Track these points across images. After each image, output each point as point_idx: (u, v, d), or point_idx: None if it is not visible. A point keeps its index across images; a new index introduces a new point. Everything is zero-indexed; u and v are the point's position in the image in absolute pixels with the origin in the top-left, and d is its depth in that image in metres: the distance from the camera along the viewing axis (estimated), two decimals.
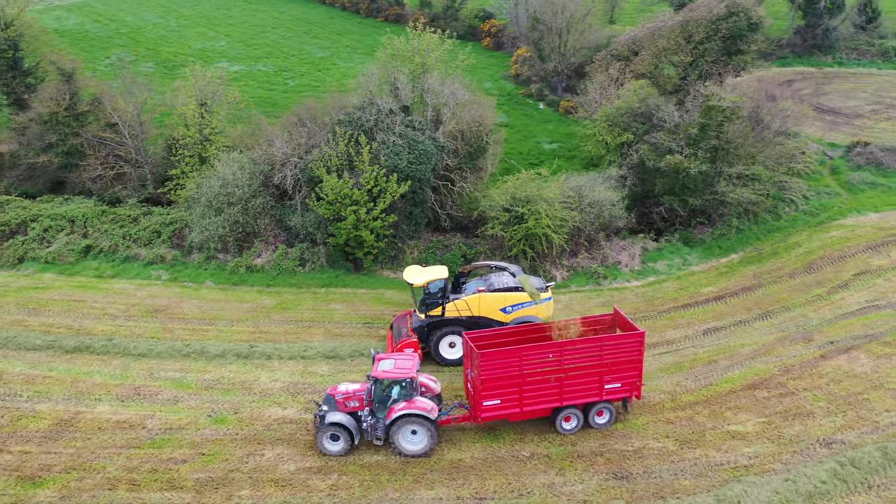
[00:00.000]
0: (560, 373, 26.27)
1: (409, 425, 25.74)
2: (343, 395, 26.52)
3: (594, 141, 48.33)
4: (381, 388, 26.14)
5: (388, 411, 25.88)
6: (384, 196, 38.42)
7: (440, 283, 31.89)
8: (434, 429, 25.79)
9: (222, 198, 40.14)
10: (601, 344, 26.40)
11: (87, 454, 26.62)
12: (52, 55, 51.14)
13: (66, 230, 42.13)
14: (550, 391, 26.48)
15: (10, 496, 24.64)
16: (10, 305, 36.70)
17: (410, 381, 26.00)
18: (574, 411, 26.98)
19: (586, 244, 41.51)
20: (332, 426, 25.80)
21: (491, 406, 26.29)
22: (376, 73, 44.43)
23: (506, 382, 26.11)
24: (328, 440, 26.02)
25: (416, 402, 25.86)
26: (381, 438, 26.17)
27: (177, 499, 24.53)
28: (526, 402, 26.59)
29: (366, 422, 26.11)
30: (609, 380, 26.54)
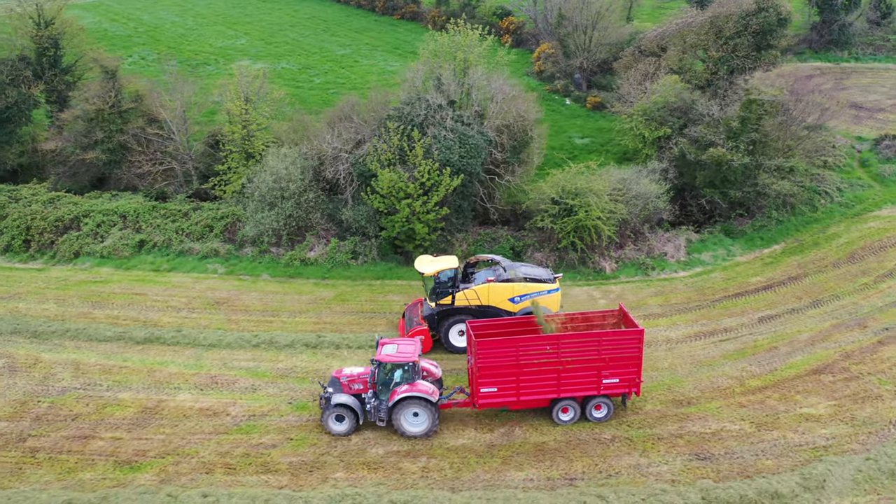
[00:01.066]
0: (557, 365, 26.88)
1: (410, 407, 26.60)
2: (348, 377, 27.46)
3: (631, 135, 49.08)
4: (384, 372, 26.94)
5: (390, 394, 26.80)
6: (438, 189, 39.12)
7: (450, 272, 32.73)
8: (435, 411, 26.63)
9: (276, 192, 40.76)
10: (599, 339, 26.79)
11: (177, 440, 27.27)
12: (94, 53, 51.66)
13: (119, 225, 42.68)
14: (548, 382, 26.99)
15: (110, 480, 25.31)
16: (73, 299, 37.25)
17: (413, 365, 26.83)
18: (571, 403, 27.51)
19: (632, 236, 42.36)
20: (337, 407, 26.74)
21: (488, 393, 27.00)
22: (421, 70, 45.09)
23: (503, 371, 26.71)
24: (333, 420, 26.96)
25: (418, 385, 26.72)
26: (383, 420, 27.04)
27: (273, 481, 25.23)
28: (523, 392, 27.14)
29: (369, 403, 27.02)
30: (607, 375, 26.98)
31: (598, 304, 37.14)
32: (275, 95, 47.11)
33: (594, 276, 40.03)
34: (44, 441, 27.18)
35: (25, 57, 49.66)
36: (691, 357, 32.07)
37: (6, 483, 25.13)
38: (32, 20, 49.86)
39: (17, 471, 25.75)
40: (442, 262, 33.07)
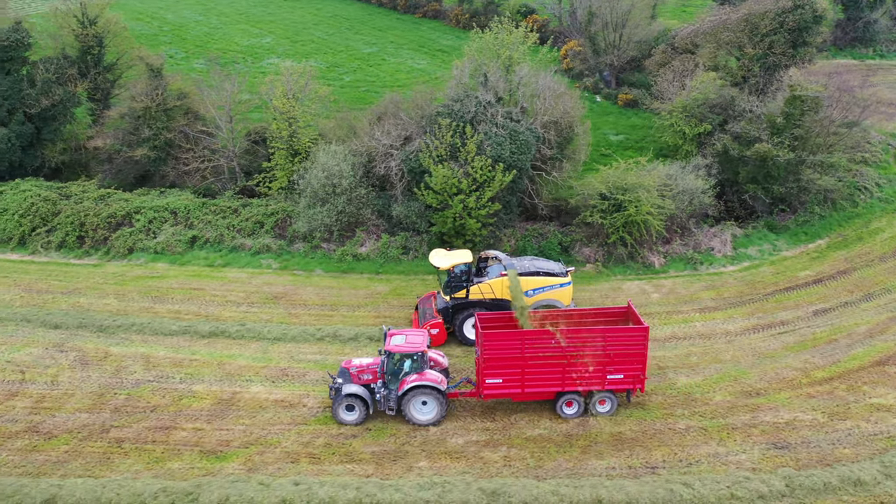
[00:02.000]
0: (562, 359, 27.35)
1: (419, 396, 27.21)
2: (357, 368, 28.02)
3: (671, 132, 49.51)
4: (393, 362, 27.51)
5: (400, 383, 27.35)
6: (490, 185, 39.57)
7: (464, 266, 33.19)
8: (443, 400, 27.27)
9: (327, 188, 41.20)
10: (604, 335, 27.16)
11: (258, 430, 27.77)
12: (138, 51, 52.13)
13: (170, 222, 43.14)
14: (553, 376, 27.51)
15: (199, 469, 25.80)
16: (133, 294, 37.73)
17: (421, 355, 27.40)
18: (576, 397, 27.95)
19: (679, 231, 42.84)
20: (348, 397, 27.31)
21: (493, 384, 27.55)
22: (468, 67, 45.55)
23: (508, 363, 27.20)
24: (344, 410, 27.55)
25: (427, 374, 27.30)
26: (393, 409, 27.60)
27: (359, 470, 25.72)
28: (527, 384, 27.64)
29: (379, 393, 27.59)
30: (612, 370, 27.40)
31: (651, 298, 37.66)
32: (320, 93, 47.49)
33: (643, 271, 40.52)
34: (127, 432, 27.67)
35: (68, 55, 50.02)
36: (752, 349, 32.55)
37: (97, 472, 25.62)
38: (77, 18, 50.23)
39: (106, 460, 26.23)
40: (456, 257, 33.60)
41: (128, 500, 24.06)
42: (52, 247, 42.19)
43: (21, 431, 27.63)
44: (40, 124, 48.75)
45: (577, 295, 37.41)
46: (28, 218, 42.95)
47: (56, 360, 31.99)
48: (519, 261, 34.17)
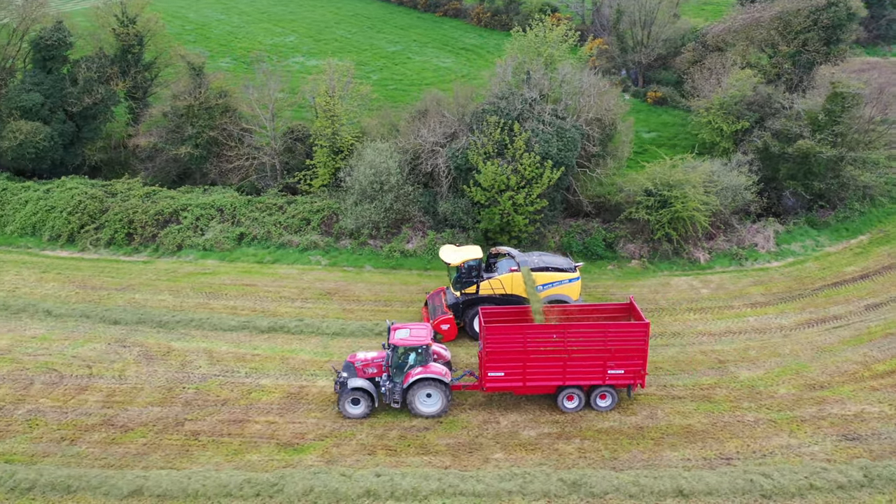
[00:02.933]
0: (563, 353, 27.67)
1: (424, 389, 27.55)
2: (362, 362, 28.31)
3: (708, 129, 49.82)
4: (398, 355, 27.87)
5: (405, 376, 27.71)
6: (539, 182, 39.90)
7: (475, 262, 33.46)
8: (448, 392, 27.64)
9: (375, 185, 41.54)
10: (605, 331, 27.55)
11: (329, 423, 28.11)
12: (180, 49, 52.46)
13: (217, 219, 43.49)
14: (554, 370, 27.87)
15: (278, 461, 26.16)
16: (186, 290, 38.07)
17: (426, 348, 27.79)
18: (577, 391, 28.28)
19: (722, 227, 43.18)
20: (353, 391, 27.68)
21: (495, 377, 27.90)
22: (510, 64, 45.87)
23: (510, 357, 27.56)
24: (349, 404, 27.90)
25: (431, 367, 27.66)
26: (398, 401, 27.95)
27: (437, 461, 26.07)
28: (529, 378, 28.01)
29: (384, 386, 27.93)
30: (612, 365, 27.70)
31: (701, 294, 38.02)
32: (361, 90, 47.81)
33: (689, 267, 40.89)
34: (202, 425, 28.01)
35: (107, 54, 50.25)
36: (810, 343, 32.91)
37: (178, 464, 25.98)
38: (116, 17, 50.53)
39: (185, 452, 26.58)
40: (466, 253, 33.89)
41: (214, 491, 24.39)
42: (101, 244, 42.52)
43: (97, 424, 27.96)
44: (81, 122, 49.16)
45: (625, 290, 37.86)
46: (76, 216, 43.30)
47: (120, 356, 32.33)
48: (528, 256, 34.44)
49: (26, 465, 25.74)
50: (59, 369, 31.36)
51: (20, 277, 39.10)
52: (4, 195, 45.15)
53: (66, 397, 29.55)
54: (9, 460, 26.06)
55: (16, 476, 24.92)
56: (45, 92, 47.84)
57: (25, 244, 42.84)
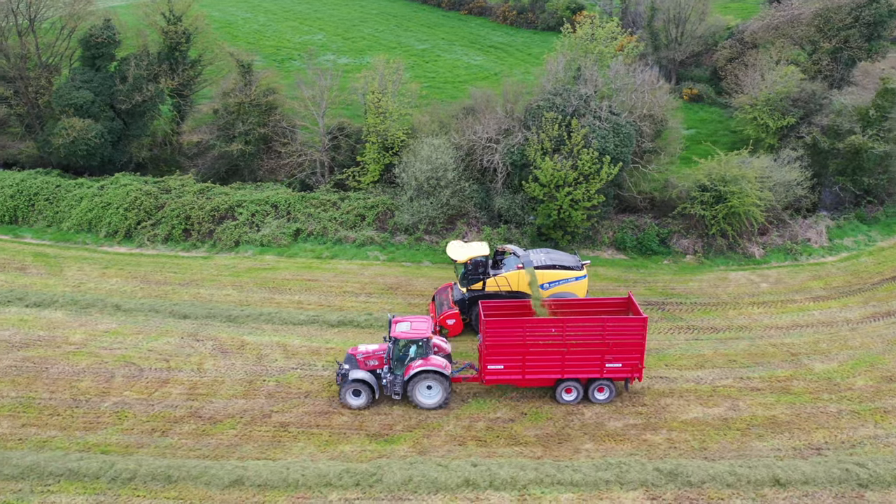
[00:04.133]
0: (562, 347, 28.03)
1: (425, 381, 27.94)
2: (363, 354, 28.78)
3: (754, 125, 50.07)
4: (399, 348, 28.26)
5: (405, 368, 28.12)
6: (598, 176, 40.17)
7: (481, 259, 33.78)
8: (448, 384, 27.97)
9: (432, 181, 41.82)
10: (603, 325, 27.81)
11: (415, 415, 28.40)
12: (222, 46, 52.71)
13: (272, 215, 43.76)
14: (553, 363, 28.25)
15: (371, 451, 26.45)
16: (250, 285, 38.36)
17: (426, 341, 28.15)
18: (575, 384, 28.60)
19: (775, 222, 43.45)
20: (354, 382, 28.08)
21: (495, 370, 28.31)
22: (562, 61, 46.16)
23: (509, 350, 27.97)
24: (351, 395, 28.31)
25: (432, 359, 28.08)
26: (399, 393, 28.35)
27: (528, 452, 26.37)
28: (528, 371, 28.39)
29: (385, 378, 28.35)
30: (610, 359, 28.03)
31: (760, 288, 38.35)
32: (411, 87, 48.07)
33: (744, 262, 41.19)
34: (288, 416, 28.31)
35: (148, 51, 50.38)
36: (879, 336, 33.24)
37: (273, 454, 26.27)
38: (163, 15, 50.77)
39: (277, 443, 26.88)
40: (473, 249, 34.16)
41: (314, 481, 24.69)
42: (159, 240, 42.77)
43: (185, 416, 28.26)
44: (128, 120, 49.42)
45: (684, 285, 38.30)
46: (133, 212, 43.56)
47: (195, 349, 32.62)
48: (535, 254, 34.72)
49: (123, 456, 25.99)
50: (137, 363, 31.63)
51: (83, 273, 39.38)
52: (59, 192, 45.41)
53: (149, 390, 29.83)
54: (104, 451, 26.36)
55: (115, 467, 25.20)
56: (94, 89, 48.09)
57: (83, 240, 43.10)
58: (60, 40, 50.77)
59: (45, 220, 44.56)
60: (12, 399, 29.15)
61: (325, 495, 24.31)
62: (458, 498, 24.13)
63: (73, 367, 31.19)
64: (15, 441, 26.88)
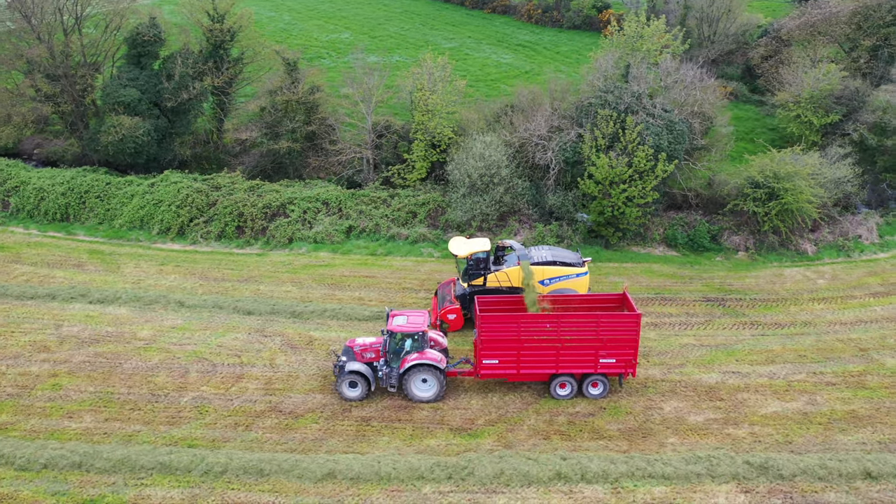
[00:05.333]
0: (557, 342, 28.17)
1: (420, 374, 28.24)
2: (360, 347, 29.05)
3: (797, 122, 50.19)
4: (395, 341, 28.55)
5: (401, 361, 28.37)
6: (651, 174, 40.29)
7: (482, 254, 33.94)
8: (442, 378, 28.26)
9: (486, 178, 41.97)
10: (597, 321, 27.98)
11: (494, 409, 28.59)
12: (263, 43, 52.83)
13: (323, 212, 43.91)
14: (547, 358, 28.41)
15: (456, 445, 26.60)
16: (308, 281, 38.50)
17: (422, 335, 28.43)
18: (569, 379, 28.78)
19: (826, 219, 43.58)
20: (350, 374, 28.37)
21: (490, 365, 28.51)
22: (610, 59, 46.30)
23: (504, 345, 28.18)
24: (347, 387, 28.59)
25: (427, 353, 28.35)
26: (394, 386, 28.68)
27: (612, 445, 26.52)
28: (523, 366, 28.59)
29: (381, 371, 28.69)
30: (604, 355, 28.22)
31: (817, 284, 38.49)
32: (458, 85, 48.21)
33: (797, 258, 41.32)
34: (368, 411, 28.45)
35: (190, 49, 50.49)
36: None
37: (360, 448, 26.43)
38: (207, 14, 50.88)
39: (362, 437, 27.04)
40: (475, 245, 34.33)
41: (406, 474, 24.84)
42: (212, 237, 42.91)
43: (265, 411, 28.41)
44: (173, 118, 49.53)
45: (740, 281, 38.43)
46: (185, 209, 43.72)
47: (265, 345, 32.76)
48: (537, 250, 34.91)
49: (211, 450, 26.14)
50: (209, 358, 31.77)
51: (140, 270, 39.53)
52: (109, 189, 45.58)
53: (225, 385, 29.98)
54: (191, 445, 26.52)
55: (206, 460, 25.35)
56: (140, 87, 48.25)
57: (136, 237, 43.24)
58: (106, 37, 50.87)
59: (97, 218, 44.68)
60: (91, 394, 29.28)
61: (418, 488, 24.44)
62: (551, 491, 24.27)
63: (146, 363, 31.33)
64: (101, 435, 27.01)
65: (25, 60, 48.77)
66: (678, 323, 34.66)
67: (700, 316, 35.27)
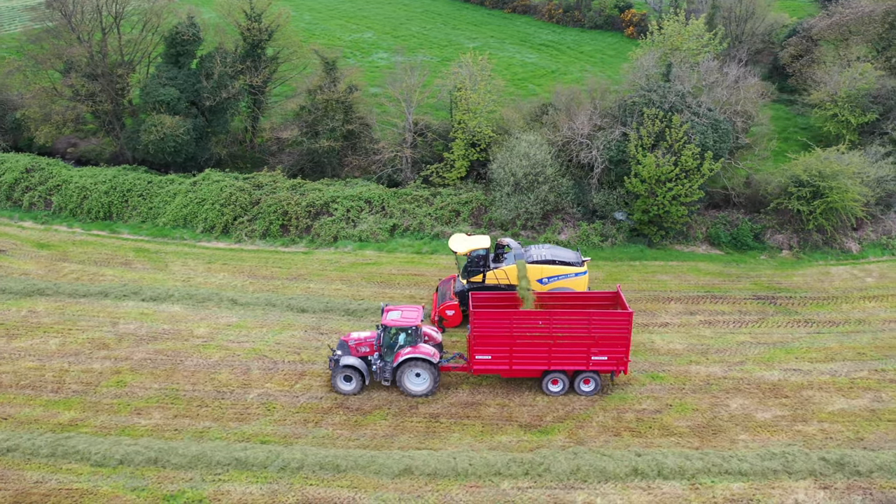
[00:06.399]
0: (549, 339, 28.32)
1: (413, 368, 28.45)
2: (355, 341, 29.30)
3: (834, 121, 50.28)
4: (389, 336, 28.73)
5: (395, 356, 28.53)
6: (697, 173, 40.37)
7: (482, 252, 34.10)
8: (436, 372, 28.42)
9: (530, 177, 42.07)
10: (589, 318, 28.14)
11: (559, 406, 28.68)
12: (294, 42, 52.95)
13: (366, 210, 44.01)
14: (540, 354, 28.55)
15: (528, 442, 26.69)
16: (357, 279, 38.59)
17: (415, 329, 28.65)
18: (561, 376, 28.91)
19: (870, 218, 43.66)
20: (345, 368, 28.62)
21: (482, 360, 28.69)
22: (652, 58, 46.40)
23: (497, 341, 28.34)
24: (342, 381, 28.85)
25: (420, 347, 28.56)
26: (388, 380, 28.85)
27: (684, 442, 26.61)
28: (515, 362, 28.74)
29: (375, 365, 28.84)
30: (596, 352, 28.37)
31: (866, 283, 38.62)
32: (497, 84, 48.31)
33: (842, 257, 41.40)
34: (435, 408, 28.54)
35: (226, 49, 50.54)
36: None
37: (432, 444, 26.52)
38: (244, 13, 50.97)
39: (432, 434, 27.12)
40: (474, 242, 34.50)
41: (482, 470, 24.92)
42: (256, 235, 42.99)
43: (332, 408, 28.50)
44: (210, 117, 49.62)
45: (788, 279, 38.53)
46: (229, 208, 43.82)
47: (322, 342, 32.83)
48: (537, 249, 35.04)
49: (284, 446, 26.24)
50: (269, 355, 31.86)
51: (188, 268, 39.63)
52: (151, 188, 45.66)
53: (289, 382, 30.06)
54: (264, 441, 26.61)
55: (281, 456, 25.44)
56: (178, 86, 48.33)
57: (180, 235, 43.32)
58: (143, 37, 50.99)
59: (140, 216, 44.77)
60: (157, 391, 29.39)
61: (496, 484, 24.53)
62: (628, 487, 24.35)
63: (206, 360, 31.43)
64: (171, 431, 27.10)
65: (63, 60, 48.87)
66: (732, 321, 34.73)
67: (753, 314, 35.34)
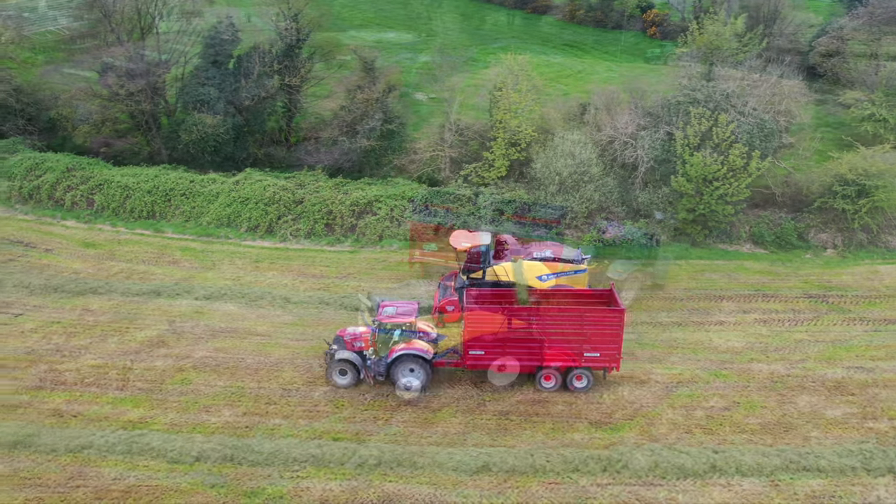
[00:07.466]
0: (542, 336, 28.45)
1: (407, 364, 28.69)
2: (351, 336, 29.63)
3: (871, 121, 50.28)
4: (384, 331, 28.92)
5: (389, 351, 28.74)
6: (744, 172, 40.42)
7: (482, 248, 34.24)
8: (429, 368, 28.71)
9: (576, 177, 42.12)
10: (581, 315, 28.39)
11: (627, 403, 28.78)
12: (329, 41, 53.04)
13: (409, 209, 44.02)
14: (532, 351, 28.74)
15: (600, 439, 26.76)
16: (408, 278, 38.60)
17: (410, 325, 28.91)
18: (554, 372, 29.09)
19: None
20: (340, 362, 28.96)
21: (476, 356, 28.90)
22: (695, 58, 46.47)
23: (490, 337, 28.60)
24: (337, 374, 29.22)
25: (415, 343, 28.76)
26: (382, 374, 29.10)
27: (757, 439, 26.65)
28: (508, 357, 28.86)
29: (370, 359, 29.10)
30: (589, 349, 28.61)
31: None
32: (536, 83, 48.37)
33: (888, 255, 41.43)
34: (503, 405, 28.59)
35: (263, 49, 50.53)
36: None
37: (505, 441, 26.57)
38: (282, 13, 51.02)
39: (503, 431, 27.17)
40: (475, 239, 34.69)
41: (560, 466, 24.99)
42: (301, 234, 43.03)
43: (400, 406, 28.53)
44: (248, 116, 49.67)
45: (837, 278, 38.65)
46: (273, 207, 43.87)
47: None
48: (539, 246, 35.21)
49: (357, 443, 26.27)
50: None
51: (236, 267, 39.67)
52: (193, 187, 45.68)
53: None
54: (336, 438, 26.64)
55: (358, 453, 25.50)
56: (217, 86, 48.41)
57: (224, 234, 43.35)
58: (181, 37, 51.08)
59: (183, 216, 44.80)
60: (223, 388, 29.42)
61: (575, 480, 24.58)
62: (708, 484, 24.40)
63: (267, 358, 31.47)
64: (243, 429, 27.14)
65: (102, 60, 48.93)
66: (786, 319, 34.80)
67: (806, 312, 35.40)
